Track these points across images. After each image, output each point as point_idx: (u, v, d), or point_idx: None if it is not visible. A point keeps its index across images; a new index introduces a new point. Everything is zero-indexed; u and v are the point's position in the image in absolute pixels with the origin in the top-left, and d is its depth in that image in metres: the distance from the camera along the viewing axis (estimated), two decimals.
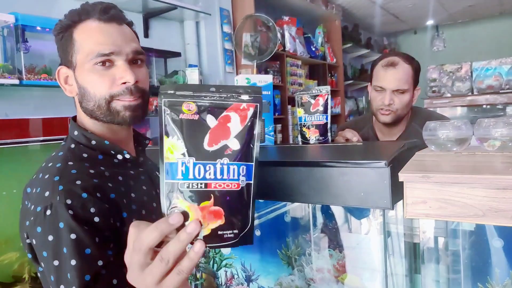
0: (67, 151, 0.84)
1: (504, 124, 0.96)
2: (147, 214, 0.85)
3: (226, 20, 3.45)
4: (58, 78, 0.89)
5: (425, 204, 0.84)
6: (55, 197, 0.73)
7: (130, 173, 0.88)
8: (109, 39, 0.83)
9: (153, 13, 2.89)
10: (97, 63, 0.82)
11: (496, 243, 1.04)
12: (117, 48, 0.83)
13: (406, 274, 1.20)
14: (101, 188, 0.78)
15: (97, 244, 0.72)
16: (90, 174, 0.79)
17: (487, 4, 5.71)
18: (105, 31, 0.84)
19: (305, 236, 1.36)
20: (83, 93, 0.85)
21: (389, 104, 1.53)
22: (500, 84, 3.03)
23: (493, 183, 0.77)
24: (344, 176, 0.99)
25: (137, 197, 0.85)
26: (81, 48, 0.84)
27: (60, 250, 0.70)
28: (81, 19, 0.85)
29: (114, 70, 0.84)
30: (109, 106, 0.84)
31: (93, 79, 0.83)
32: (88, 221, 0.73)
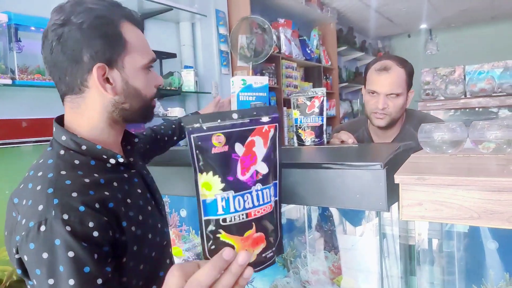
0: (57, 158, 0.79)
1: (499, 127, 0.97)
2: (144, 219, 0.83)
3: (222, 22, 3.45)
4: (97, 77, 0.80)
5: (421, 206, 0.84)
6: (50, 212, 0.68)
7: (124, 176, 0.85)
8: (149, 46, 0.90)
9: (149, 14, 2.88)
10: (148, 67, 0.89)
11: (490, 245, 1.04)
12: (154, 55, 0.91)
13: (401, 276, 1.20)
14: (99, 198, 0.74)
15: (96, 261, 0.68)
16: (86, 184, 0.74)
17: (479, 8, 5.76)
18: (144, 38, 0.90)
19: (301, 238, 1.36)
20: (134, 94, 0.85)
21: (383, 108, 1.53)
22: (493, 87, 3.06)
23: (488, 185, 0.77)
24: (339, 178, 0.99)
25: (133, 202, 0.83)
26: (134, 51, 0.84)
27: (56, 268, 0.67)
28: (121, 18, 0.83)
29: (152, 75, 0.90)
30: (150, 106, 0.91)
31: (146, 80, 0.88)
32: (87, 236, 0.68)
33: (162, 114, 2.78)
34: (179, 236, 1.64)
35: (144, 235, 0.82)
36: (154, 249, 0.86)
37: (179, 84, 2.92)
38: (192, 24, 3.25)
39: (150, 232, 0.84)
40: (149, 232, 0.84)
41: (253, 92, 1.35)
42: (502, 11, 5.97)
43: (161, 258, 0.89)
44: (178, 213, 1.65)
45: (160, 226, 0.91)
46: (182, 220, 1.64)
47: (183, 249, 1.64)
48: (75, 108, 0.84)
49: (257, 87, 1.35)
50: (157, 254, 0.87)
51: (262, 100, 1.36)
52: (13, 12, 1.94)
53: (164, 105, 2.86)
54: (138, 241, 0.80)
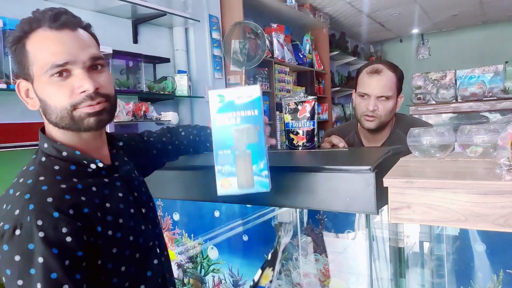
0: (38, 165, 0.81)
1: (486, 131, 0.99)
2: (124, 222, 0.84)
3: (215, 27, 3.47)
4: (19, 92, 0.84)
5: (409, 209, 0.86)
6: (25, 217, 0.71)
7: (104, 181, 0.86)
8: (62, 48, 0.79)
9: (142, 19, 2.88)
10: (53, 74, 0.79)
11: (479, 248, 1.06)
12: (72, 57, 0.79)
13: (391, 278, 1.21)
14: (75, 204, 0.75)
15: (66, 267, 0.71)
16: (62, 190, 0.76)
17: (470, 13, 5.83)
18: (58, 40, 0.80)
19: (292, 241, 1.37)
20: (44, 105, 0.82)
21: (373, 110, 1.55)
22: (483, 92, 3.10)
23: (475, 188, 0.79)
24: (330, 182, 1.00)
25: (112, 206, 0.83)
26: (35, 60, 0.80)
27: (27, 271, 0.69)
28: (33, 28, 0.80)
29: (72, 80, 0.80)
30: (72, 116, 0.81)
31: (52, 91, 0.80)
32: (59, 242, 0.71)
33: (156, 118, 2.78)
34: (172, 239, 1.65)
35: (124, 238, 0.83)
36: (138, 250, 0.87)
37: (173, 89, 2.92)
38: (186, 29, 3.26)
39: (131, 234, 0.85)
40: (130, 235, 0.85)
41: (236, 111, 0.92)
42: (493, 16, 6.06)
43: (146, 259, 0.90)
44: (171, 216, 1.65)
45: (144, 228, 0.91)
46: (175, 224, 1.65)
47: (176, 252, 1.64)
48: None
49: (242, 103, 0.92)
50: (141, 255, 0.88)
51: (253, 121, 0.92)
52: (8, 17, 1.94)
53: (157, 109, 2.86)
54: (118, 243, 0.81)
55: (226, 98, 0.93)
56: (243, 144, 0.91)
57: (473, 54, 6.26)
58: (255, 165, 0.91)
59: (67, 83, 0.80)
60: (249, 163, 0.91)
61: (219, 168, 0.92)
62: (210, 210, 1.54)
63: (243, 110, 0.92)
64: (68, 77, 0.80)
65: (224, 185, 0.92)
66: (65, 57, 0.79)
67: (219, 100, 0.93)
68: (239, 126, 0.92)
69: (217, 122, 0.92)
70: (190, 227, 1.62)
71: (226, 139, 0.91)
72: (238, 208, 1.50)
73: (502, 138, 0.77)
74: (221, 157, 0.92)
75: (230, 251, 1.49)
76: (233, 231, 1.50)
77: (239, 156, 0.91)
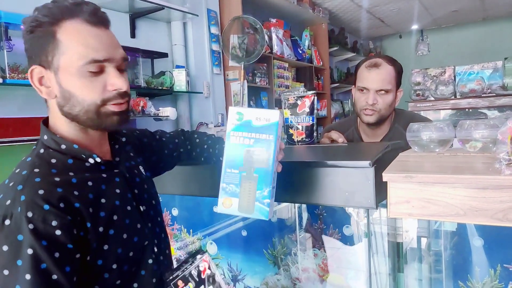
0: (35, 156, 0.81)
1: (485, 126, 0.99)
2: (119, 219, 0.84)
3: (213, 22, 3.45)
4: (31, 78, 0.83)
5: (408, 204, 0.86)
6: (16, 208, 0.71)
7: (102, 176, 0.85)
8: (101, 45, 0.81)
9: (140, 13, 2.87)
10: (90, 69, 0.80)
11: (476, 242, 1.06)
12: (110, 55, 0.81)
13: (389, 273, 1.21)
14: (65, 197, 0.75)
15: (55, 259, 0.71)
16: (55, 183, 0.76)
17: (470, 9, 5.82)
18: (97, 36, 0.81)
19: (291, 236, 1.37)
20: (68, 97, 0.81)
21: (372, 104, 1.55)
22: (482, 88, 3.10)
23: (474, 183, 0.79)
24: (329, 176, 1.00)
25: (108, 202, 0.83)
26: (68, 51, 0.79)
27: (13, 261, 0.70)
28: (64, 17, 0.79)
29: (105, 76, 0.82)
30: (99, 111, 0.82)
31: (83, 84, 0.80)
32: (48, 235, 0.71)
33: (154, 113, 2.77)
34: (171, 235, 1.65)
35: (117, 235, 0.83)
36: (131, 249, 0.86)
37: (171, 84, 2.92)
38: (184, 23, 3.25)
39: (125, 232, 0.85)
40: (124, 232, 0.84)
41: (252, 132, 0.91)
42: (493, 12, 6.05)
43: (141, 258, 0.89)
44: (169, 212, 1.65)
45: (140, 227, 0.90)
46: (174, 219, 1.65)
47: (175, 248, 1.64)
48: (48, 110, 0.87)
49: (259, 125, 0.91)
50: (135, 254, 0.87)
51: (266, 145, 0.91)
52: (3, 10, 1.93)
53: (155, 105, 2.86)
54: (109, 241, 0.81)
55: (245, 117, 0.92)
56: (252, 167, 0.91)
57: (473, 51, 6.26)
58: (260, 191, 0.91)
59: (100, 79, 0.81)
60: (254, 187, 0.91)
61: (224, 186, 0.93)
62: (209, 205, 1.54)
63: (259, 133, 0.91)
64: (101, 73, 0.81)
65: (225, 204, 0.93)
66: (104, 54, 0.80)
67: (238, 117, 0.93)
68: (251, 148, 0.91)
69: (231, 139, 0.92)
70: (189, 222, 1.62)
71: (236, 158, 0.92)
72: None
73: (502, 133, 0.77)
74: (228, 175, 0.92)
75: (229, 246, 1.50)
76: (232, 226, 1.50)
77: (245, 178, 0.91)
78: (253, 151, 0.91)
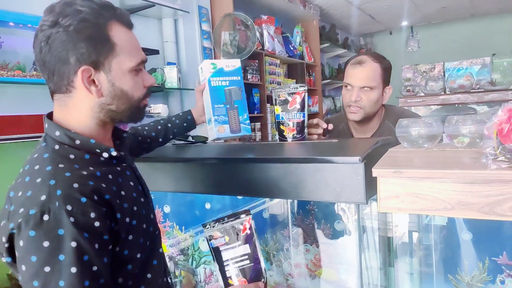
0: (53, 152, 0.81)
1: (472, 122, 1.00)
2: (138, 210, 0.87)
3: (204, 18, 3.44)
4: (82, 79, 0.82)
5: (398, 199, 0.87)
6: (54, 203, 0.71)
7: (117, 170, 0.88)
8: (139, 47, 0.91)
9: (131, 10, 2.85)
10: (137, 69, 0.88)
11: (465, 236, 1.08)
12: (145, 56, 0.91)
13: (380, 267, 1.23)
14: (97, 190, 0.77)
15: (96, 250, 0.73)
16: (85, 176, 0.78)
17: (459, 6, 5.86)
18: (135, 39, 0.90)
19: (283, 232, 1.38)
20: (120, 95, 0.86)
21: (356, 100, 1.56)
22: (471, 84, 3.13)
23: (461, 177, 0.80)
24: (319, 172, 1.01)
25: (127, 194, 0.86)
26: (122, 53, 0.84)
27: (55, 257, 0.70)
28: (110, 20, 0.83)
29: (142, 75, 0.91)
30: (139, 106, 0.92)
31: (134, 82, 0.88)
32: (89, 227, 0.73)
33: None
34: (163, 232, 1.65)
35: (139, 225, 0.86)
36: (148, 238, 0.90)
37: (162, 81, 2.91)
38: (175, 20, 3.23)
39: (144, 222, 0.88)
40: (143, 223, 0.88)
41: (225, 76, 1.29)
42: (481, 9, 6.10)
43: (154, 247, 0.93)
44: (161, 209, 1.66)
45: (152, 217, 0.95)
46: (166, 216, 1.65)
47: (167, 245, 1.64)
48: (63, 106, 0.86)
49: (229, 70, 1.29)
50: (150, 243, 0.91)
51: (236, 84, 1.30)
52: None
53: None
54: (134, 231, 0.84)
55: (218, 66, 1.29)
56: (232, 100, 1.28)
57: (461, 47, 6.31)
58: (241, 116, 1.30)
59: (139, 78, 0.90)
60: (237, 114, 1.29)
61: (216, 118, 1.25)
62: (201, 202, 1.55)
63: (229, 76, 1.30)
64: (139, 72, 0.91)
65: (220, 130, 1.25)
66: (144, 55, 0.91)
67: (212, 67, 1.29)
68: (229, 87, 1.29)
69: (212, 83, 1.27)
70: (181, 219, 1.63)
71: (219, 96, 1.27)
72: (229, 200, 1.51)
73: (488, 128, 0.78)
74: (217, 109, 1.26)
75: None
76: None
77: (229, 109, 1.28)
78: (230, 89, 1.29)
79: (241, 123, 1.28)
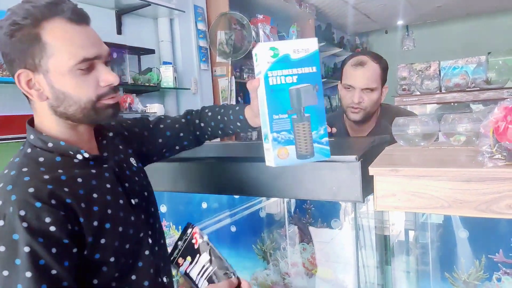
0: (23, 156, 0.82)
1: (469, 120, 1.00)
2: (113, 213, 0.85)
3: (200, 18, 3.43)
4: (19, 83, 0.81)
5: (394, 197, 0.87)
6: (8, 208, 0.72)
7: (91, 172, 0.86)
8: (90, 42, 0.81)
9: (126, 9, 2.84)
10: (81, 67, 0.80)
11: (462, 234, 1.08)
12: (99, 51, 0.82)
13: (377, 266, 1.23)
14: (55, 194, 0.76)
15: (53, 254, 0.72)
16: (44, 180, 0.77)
17: (454, 5, 5.88)
18: (84, 34, 0.81)
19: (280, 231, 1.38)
20: (63, 98, 0.81)
21: (358, 102, 1.56)
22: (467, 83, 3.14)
23: (458, 175, 0.81)
24: (316, 171, 1.01)
25: (100, 197, 0.84)
26: (57, 52, 0.78)
27: (12, 261, 0.70)
28: (45, 18, 0.78)
29: (96, 73, 0.82)
30: (95, 107, 0.83)
31: (76, 83, 0.81)
32: (43, 232, 0.72)
33: (141, 110, 2.76)
34: None
35: (113, 228, 0.83)
36: (127, 241, 0.87)
37: (158, 80, 2.90)
38: (171, 20, 3.22)
39: (121, 225, 0.85)
40: (119, 225, 0.85)
41: (292, 68, 0.80)
42: (476, 8, 6.12)
43: (138, 250, 0.90)
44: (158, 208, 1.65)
45: (134, 219, 0.90)
46: (162, 216, 1.64)
47: None
48: (33, 110, 0.87)
49: (299, 58, 0.80)
50: (131, 246, 0.88)
51: (310, 79, 0.81)
52: None
53: (142, 101, 2.84)
54: (106, 234, 0.82)
55: (281, 52, 0.80)
56: (301, 106, 0.81)
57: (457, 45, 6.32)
58: (315, 131, 0.82)
59: (91, 76, 0.82)
60: (309, 128, 0.82)
61: (275, 135, 0.81)
62: (198, 201, 1.54)
63: (301, 67, 0.80)
64: (92, 70, 0.82)
65: (281, 155, 0.82)
66: (94, 51, 0.81)
67: (272, 54, 0.80)
68: (297, 86, 0.80)
69: (270, 81, 0.80)
70: (177, 219, 1.62)
71: (281, 101, 0.80)
72: (226, 199, 1.51)
73: (484, 126, 0.78)
74: (276, 122, 0.81)
75: (218, 242, 1.50)
76: (221, 222, 1.51)
77: (297, 121, 0.81)
78: (299, 89, 0.80)
79: (316, 142, 0.83)
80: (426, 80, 3.28)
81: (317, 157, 0.82)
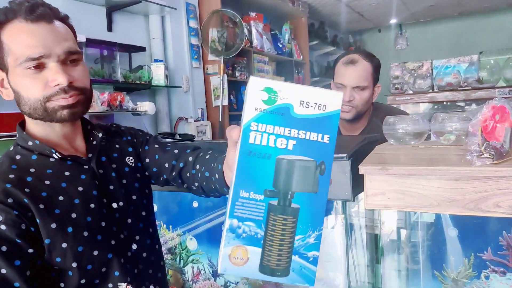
0: (4, 155, 0.85)
1: (458, 119, 1.01)
2: (79, 217, 0.83)
3: (192, 15, 3.42)
4: None
5: (384, 196, 0.87)
6: None
7: (64, 174, 0.85)
8: (37, 41, 0.79)
9: (117, 6, 2.82)
10: (28, 67, 0.79)
11: (451, 233, 1.09)
12: (47, 51, 0.80)
13: (367, 264, 1.23)
14: (12, 193, 0.76)
15: (2, 253, 0.72)
16: (7, 179, 0.78)
17: (447, 4, 5.92)
18: (34, 33, 0.80)
19: None
20: (18, 97, 0.83)
21: (349, 100, 1.56)
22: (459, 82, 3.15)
23: (446, 174, 0.81)
24: None
25: (65, 200, 0.82)
26: (10, 52, 0.80)
27: None
28: (8, 19, 0.80)
29: (46, 73, 0.81)
30: (45, 107, 0.82)
31: (26, 83, 0.81)
32: None
33: (132, 108, 2.74)
34: None
35: (76, 233, 0.82)
36: (95, 247, 0.84)
37: (149, 78, 2.88)
38: (162, 17, 3.21)
39: (86, 230, 0.83)
40: (84, 230, 0.83)
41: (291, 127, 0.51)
42: (469, 7, 6.16)
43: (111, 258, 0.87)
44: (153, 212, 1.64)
45: (104, 225, 0.87)
46: None
47: None
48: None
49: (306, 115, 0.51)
50: (102, 253, 0.85)
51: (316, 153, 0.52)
52: None
53: (133, 99, 2.82)
54: (68, 238, 0.80)
55: (281, 98, 0.51)
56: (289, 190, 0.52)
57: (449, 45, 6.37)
58: (301, 235, 0.53)
59: (40, 76, 0.81)
60: (292, 228, 0.53)
61: (234, 224, 0.51)
62: (189, 201, 1.53)
63: (305, 130, 0.51)
64: (42, 69, 0.81)
65: (234, 256, 0.52)
66: (40, 51, 0.79)
67: (266, 98, 0.51)
68: (291, 156, 0.51)
69: (252, 138, 0.51)
70: (168, 218, 1.61)
71: (260, 174, 0.51)
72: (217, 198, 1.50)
73: (473, 125, 0.78)
74: (243, 204, 0.51)
75: (209, 241, 1.49)
76: (212, 222, 1.50)
77: (276, 212, 0.52)
78: (293, 161, 0.51)
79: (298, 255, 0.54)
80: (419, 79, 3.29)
81: (292, 279, 0.53)
